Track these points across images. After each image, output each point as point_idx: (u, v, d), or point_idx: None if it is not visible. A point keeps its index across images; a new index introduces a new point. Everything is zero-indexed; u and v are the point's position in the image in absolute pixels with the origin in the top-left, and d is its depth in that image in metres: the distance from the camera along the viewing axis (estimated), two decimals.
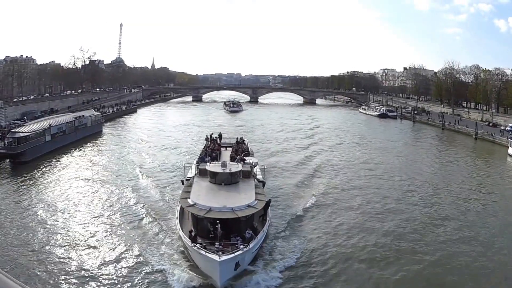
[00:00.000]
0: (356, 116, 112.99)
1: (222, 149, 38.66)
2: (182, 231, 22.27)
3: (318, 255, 23.33)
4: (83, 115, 65.95)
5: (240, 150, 35.85)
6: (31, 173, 41.66)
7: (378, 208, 31.47)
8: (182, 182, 28.62)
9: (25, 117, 72.26)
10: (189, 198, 23.52)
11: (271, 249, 23.60)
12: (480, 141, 68.70)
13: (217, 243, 20.11)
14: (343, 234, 26.39)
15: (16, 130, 50.38)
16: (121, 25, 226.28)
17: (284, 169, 43.75)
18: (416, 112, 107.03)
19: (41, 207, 31.17)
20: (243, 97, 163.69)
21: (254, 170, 30.25)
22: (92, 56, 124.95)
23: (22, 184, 38.12)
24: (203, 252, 19.23)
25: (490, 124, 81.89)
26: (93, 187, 36.94)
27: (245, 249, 19.75)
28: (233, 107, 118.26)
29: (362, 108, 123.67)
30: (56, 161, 47.54)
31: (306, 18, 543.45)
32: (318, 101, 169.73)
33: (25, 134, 47.79)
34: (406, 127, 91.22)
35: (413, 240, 25.58)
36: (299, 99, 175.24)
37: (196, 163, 31.04)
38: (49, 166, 45.13)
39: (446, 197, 34.95)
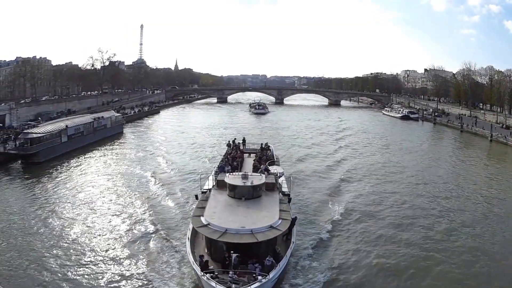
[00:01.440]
0: (380, 118, 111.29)
1: (245, 155, 35.30)
2: (193, 255, 19.06)
3: (346, 283, 20.38)
4: (102, 116, 64.64)
5: (264, 157, 32.35)
6: (41, 174, 40.38)
7: (404, 216, 30.13)
8: (196, 196, 25.29)
9: (39, 118, 71.23)
10: (202, 216, 20.32)
11: (293, 276, 20.55)
12: (495, 143, 68.77)
13: (231, 272, 17.06)
14: (373, 256, 23.32)
15: (29, 131, 49.40)
16: (141, 26, 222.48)
17: (311, 175, 41.13)
18: (436, 114, 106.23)
19: (44, 210, 29.78)
20: (269, 99, 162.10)
21: (279, 181, 26.81)
22: (112, 57, 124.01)
23: (31, 185, 36.91)
24: (213, 283, 16.27)
25: (504, 126, 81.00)
26: (104, 193, 34.66)
27: (263, 280, 16.62)
28: (258, 109, 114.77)
29: (385, 110, 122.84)
30: (71, 163, 46.01)
31: (325, 20, 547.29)
32: (343, 102, 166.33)
33: (39, 135, 46.76)
34: (427, 129, 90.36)
35: (435, 249, 24.55)
36: (324, 100, 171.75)
37: (215, 173, 27.63)
38: (63, 167, 43.70)
39: (467, 204, 34.26)
